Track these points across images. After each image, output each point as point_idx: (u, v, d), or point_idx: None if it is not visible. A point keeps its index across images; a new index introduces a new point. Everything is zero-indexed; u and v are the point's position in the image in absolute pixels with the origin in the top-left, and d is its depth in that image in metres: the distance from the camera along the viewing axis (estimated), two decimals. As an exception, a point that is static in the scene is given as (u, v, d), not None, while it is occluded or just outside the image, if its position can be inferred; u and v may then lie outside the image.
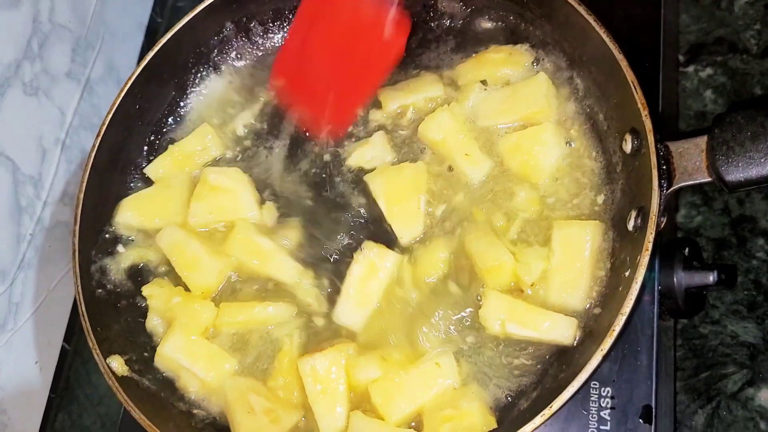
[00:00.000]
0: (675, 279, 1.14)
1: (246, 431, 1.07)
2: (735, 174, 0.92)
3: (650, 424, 1.09)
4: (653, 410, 1.10)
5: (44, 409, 1.46)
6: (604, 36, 1.04)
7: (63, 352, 1.49)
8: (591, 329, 1.03)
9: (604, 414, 1.11)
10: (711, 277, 1.14)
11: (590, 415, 1.11)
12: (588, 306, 1.06)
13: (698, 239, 1.33)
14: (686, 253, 1.18)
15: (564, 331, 1.03)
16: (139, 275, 1.24)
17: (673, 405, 1.24)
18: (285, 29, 1.36)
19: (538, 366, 1.06)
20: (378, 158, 1.20)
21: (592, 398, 1.11)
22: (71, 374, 1.48)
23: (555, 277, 1.07)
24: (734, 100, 1.40)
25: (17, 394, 1.40)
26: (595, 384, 1.12)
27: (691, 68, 1.44)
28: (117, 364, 1.08)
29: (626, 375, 1.12)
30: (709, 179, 0.95)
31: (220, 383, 1.12)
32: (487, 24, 1.27)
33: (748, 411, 1.23)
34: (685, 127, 1.40)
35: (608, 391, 1.11)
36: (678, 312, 1.19)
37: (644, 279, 0.96)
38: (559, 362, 1.04)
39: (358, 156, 1.22)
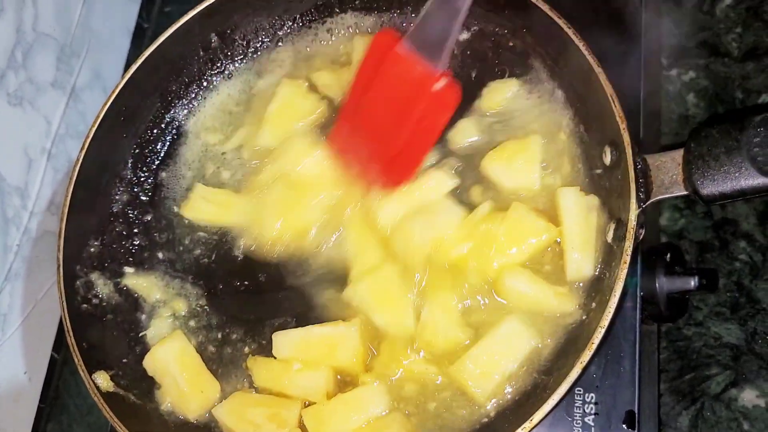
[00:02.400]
0: (657, 284, 1.16)
1: None
2: (710, 188, 0.93)
3: (633, 430, 1.11)
4: (636, 416, 1.11)
5: (34, 419, 1.46)
6: (583, 49, 1.04)
7: (52, 362, 1.50)
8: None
9: (588, 420, 1.12)
10: (692, 282, 1.16)
11: (574, 422, 1.12)
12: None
13: (681, 242, 1.34)
14: (668, 259, 1.19)
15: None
16: (125, 288, 1.24)
17: (657, 408, 1.25)
18: (267, 44, 1.37)
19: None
20: None
21: (576, 404, 1.12)
22: (60, 384, 1.48)
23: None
24: (716, 103, 1.41)
25: (6, 405, 1.41)
26: (579, 390, 1.13)
27: (673, 72, 1.45)
28: (102, 380, 1.08)
29: (610, 380, 1.13)
30: (686, 193, 0.96)
31: (204, 410, 1.13)
32: (465, 35, 1.28)
33: (731, 411, 1.24)
34: (667, 131, 1.41)
35: (592, 397, 1.13)
36: (660, 317, 1.21)
37: (626, 285, 0.97)
38: (540, 373, 1.05)
39: None
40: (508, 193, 1.15)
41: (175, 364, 1.14)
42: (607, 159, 1.06)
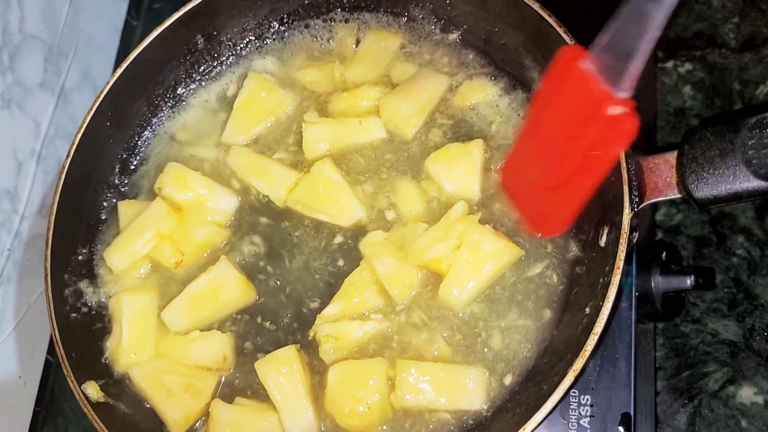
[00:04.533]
0: (653, 284, 1.15)
1: (174, 414, 1.09)
2: (704, 191, 0.91)
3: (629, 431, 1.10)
4: (632, 417, 1.10)
5: (29, 423, 1.46)
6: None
7: (47, 365, 1.49)
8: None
9: (584, 422, 1.11)
10: (688, 281, 1.14)
11: (569, 424, 1.11)
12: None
13: (678, 237, 1.33)
14: (664, 257, 1.18)
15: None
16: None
17: (654, 407, 1.25)
18: (254, 44, 1.35)
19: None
20: None
21: (571, 406, 1.11)
22: (56, 387, 1.48)
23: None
24: (713, 95, 1.39)
25: (1, 409, 1.41)
26: (575, 392, 1.12)
27: (670, 64, 1.43)
28: (92, 390, 1.08)
29: (605, 382, 1.12)
30: (680, 196, 0.95)
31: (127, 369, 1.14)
32: (453, 35, 1.27)
33: (729, 409, 1.23)
34: (663, 124, 1.39)
35: (587, 399, 1.12)
36: (656, 316, 1.20)
37: (621, 285, 0.95)
38: (534, 381, 1.04)
39: None
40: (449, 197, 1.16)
41: (129, 317, 1.14)
42: (600, 161, 1.04)
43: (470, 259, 1.07)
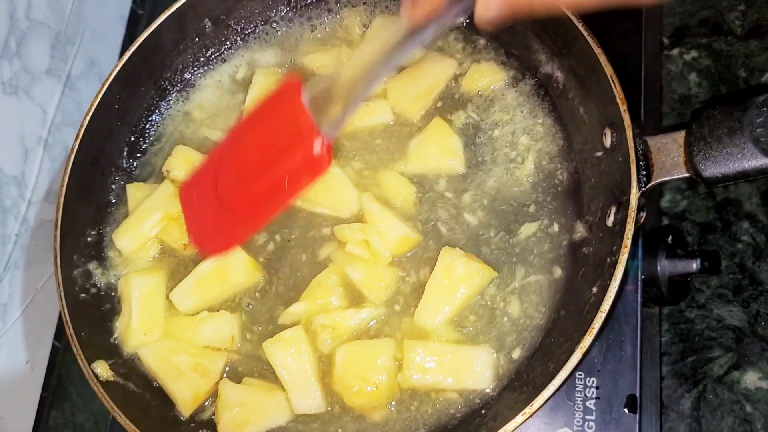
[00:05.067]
0: (658, 267, 1.15)
1: (183, 394, 1.10)
2: (712, 169, 0.91)
3: (635, 413, 1.10)
4: (638, 399, 1.11)
5: (37, 408, 1.46)
6: (583, 30, 1.02)
7: (54, 350, 1.50)
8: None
9: (590, 404, 1.11)
10: (694, 265, 1.15)
11: (575, 405, 1.11)
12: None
13: (683, 223, 1.33)
14: (670, 241, 1.18)
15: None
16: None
17: (659, 391, 1.25)
18: (261, 29, 1.35)
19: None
20: None
21: (577, 388, 1.12)
22: (63, 372, 1.48)
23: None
24: (718, 82, 1.39)
25: (9, 394, 1.41)
26: (581, 374, 1.12)
27: (675, 51, 1.43)
28: (102, 369, 1.08)
29: (611, 365, 1.12)
30: (687, 175, 0.95)
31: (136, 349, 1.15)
32: (461, 18, 1.26)
33: (734, 394, 1.23)
34: (669, 111, 1.39)
35: (593, 381, 1.12)
36: (662, 300, 1.20)
37: (627, 268, 0.96)
38: (541, 360, 1.04)
39: None
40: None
41: (138, 298, 1.15)
42: (607, 141, 1.04)
43: (444, 282, 1.08)
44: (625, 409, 1.10)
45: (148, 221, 1.19)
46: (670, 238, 1.18)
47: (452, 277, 1.08)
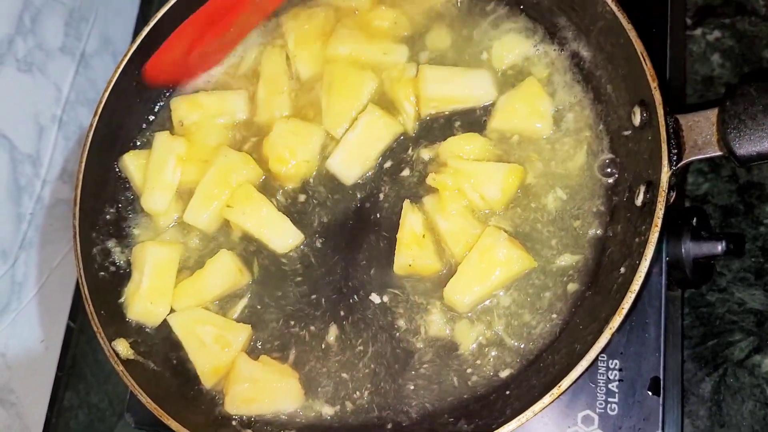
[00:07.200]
0: (683, 249, 1.13)
1: (204, 365, 1.11)
2: (747, 148, 0.90)
3: (658, 396, 1.09)
4: (661, 382, 1.10)
5: (52, 388, 1.46)
6: (612, 5, 1.00)
7: (68, 330, 1.49)
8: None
9: (612, 386, 1.11)
10: (719, 247, 1.13)
11: (598, 388, 1.11)
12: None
13: (706, 206, 1.31)
14: (694, 223, 1.17)
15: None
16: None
17: (681, 374, 1.24)
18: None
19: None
20: None
21: (600, 371, 1.11)
22: (77, 352, 1.48)
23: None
24: (742, 64, 1.37)
25: (24, 374, 1.41)
26: (603, 357, 1.11)
27: (698, 31, 1.41)
28: (122, 347, 1.08)
29: (634, 347, 1.11)
30: (720, 153, 0.93)
31: (139, 318, 1.16)
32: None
33: (755, 378, 1.23)
34: (691, 93, 1.37)
35: (616, 364, 1.11)
36: (686, 282, 1.19)
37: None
38: (568, 339, 1.03)
39: None
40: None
41: (151, 266, 1.15)
42: (636, 120, 1.02)
43: (481, 265, 1.06)
44: (649, 392, 1.09)
45: (166, 169, 1.19)
46: (694, 220, 1.16)
47: (490, 261, 1.06)
